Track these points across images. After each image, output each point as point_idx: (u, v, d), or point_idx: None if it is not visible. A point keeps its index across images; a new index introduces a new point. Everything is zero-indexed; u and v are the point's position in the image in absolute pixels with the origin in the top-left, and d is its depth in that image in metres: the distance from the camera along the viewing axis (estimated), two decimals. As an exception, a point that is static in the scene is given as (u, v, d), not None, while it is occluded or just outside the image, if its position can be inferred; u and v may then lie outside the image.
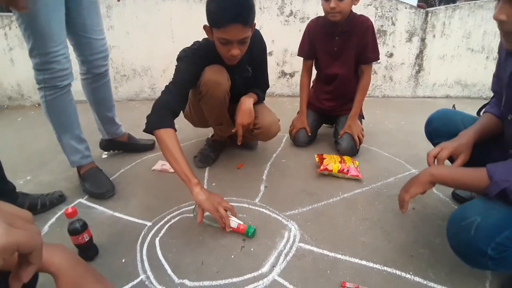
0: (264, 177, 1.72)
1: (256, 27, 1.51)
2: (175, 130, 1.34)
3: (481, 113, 1.22)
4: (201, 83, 1.51)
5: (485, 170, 0.90)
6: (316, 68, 2.11)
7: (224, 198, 1.49)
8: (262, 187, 1.62)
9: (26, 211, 0.46)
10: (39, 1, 1.24)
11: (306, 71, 2.08)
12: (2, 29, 2.89)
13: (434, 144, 1.35)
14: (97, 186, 1.56)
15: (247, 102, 1.60)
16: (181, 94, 1.45)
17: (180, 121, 1.88)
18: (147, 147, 2.03)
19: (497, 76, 1.12)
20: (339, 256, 1.18)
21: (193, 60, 1.49)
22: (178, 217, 1.40)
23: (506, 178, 0.86)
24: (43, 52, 1.32)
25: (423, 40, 3.21)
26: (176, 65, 1.51)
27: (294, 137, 2.08)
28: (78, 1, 1.44)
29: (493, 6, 3.25)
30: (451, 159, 1.12)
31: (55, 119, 1.49)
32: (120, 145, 1.96)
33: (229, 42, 1.35)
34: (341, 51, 1.91)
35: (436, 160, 1.12)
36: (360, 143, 1.92)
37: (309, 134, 2.05)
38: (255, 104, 1.70)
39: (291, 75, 3.28)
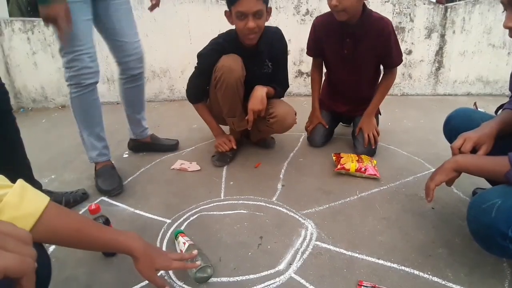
0: (281, 176, 1.73)
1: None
2: (205, 102, 1.87)
3: (500, 111, 1.20)
4: (216, 68, 1.61)
5: (506, 157, 0.94)
6: (326, 68, 2.04)
7: (242, 197, 1.52)
8: (279, 186, 1.64)
9: (24, 231, 0.45)
10: None
11: (316, 67, 2.03)
12: (25, 33, 2.99)
13: None
14: (106, 183, 1.61)
15: (260, 89, 1.65)
16: (200, 85, 1.78)
17: (199, 121, 1.93)
18: (171, 147, 2.06)
19: None
20: (356, 255, 1.18)
21: (213, 48, 1.67)
22: (197, 214, 1.43)
23: None
24: (68, 50, 1.41)
25: (442, 36, 3.14)
26: (198, 56, 1.71)
27: (310, 139, 2.07)
28: (105, 7, 1.52)
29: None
30: (474, 150, 1.11)
31: (78, 115, 1.57)
32: (143, 147, 2.02)
33: (245, 15, 1.49)
34: (353, 55, 1.78)
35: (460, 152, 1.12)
36: (375, 142, 1.88)
37: (326, 127, 2.03)
38: (272, 97, 1.74)
39: (308, 74, 3.27)
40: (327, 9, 2.19)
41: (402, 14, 3.06)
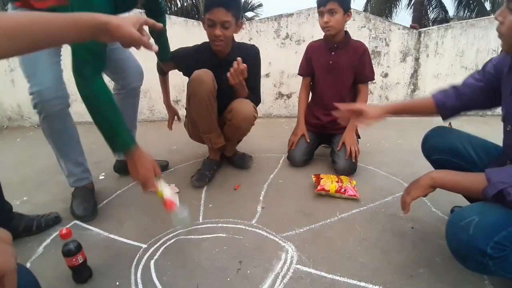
0: (261, 198, 1.71)
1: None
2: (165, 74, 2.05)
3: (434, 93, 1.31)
4: (188, 83, 1.69)
5: (483, 174, 0.96)
6: (312, 88, 2.18)
7: (221, 220, 1.49)
8: (259, 208, 1.61)
9: (5, 232, 0.45)
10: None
11: (305, 87, 2.19)
12: (3, 52, 2.93)
13: (431, 161, 1.38)
14: (80, 208, 1.55)
15: None
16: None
17: (178, 142, 1.90)
18: (163, 168, 2.01)
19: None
20: (337, 277, 1.16)
21: (187, 47, 1.86)
22: (174, 239, 1.38)
23: (503, 180, 0.91)
24: (29, 80, 1.39)
25: (417, 59, 3.27)
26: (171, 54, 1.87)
27: (291, 156, 2.09)
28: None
29: (484, 25, 3.30)
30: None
31: (51, 143, 1.52)
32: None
33: (214, 23, 1.63)
34: (336, 65, 2.02)
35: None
36: (356, 157, 1.93)
37: (308, 140, 2.08)
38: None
39: (288, 96, 3.31)
40: (305, 33, 2.26)
41: (378, 38, 3.17)
